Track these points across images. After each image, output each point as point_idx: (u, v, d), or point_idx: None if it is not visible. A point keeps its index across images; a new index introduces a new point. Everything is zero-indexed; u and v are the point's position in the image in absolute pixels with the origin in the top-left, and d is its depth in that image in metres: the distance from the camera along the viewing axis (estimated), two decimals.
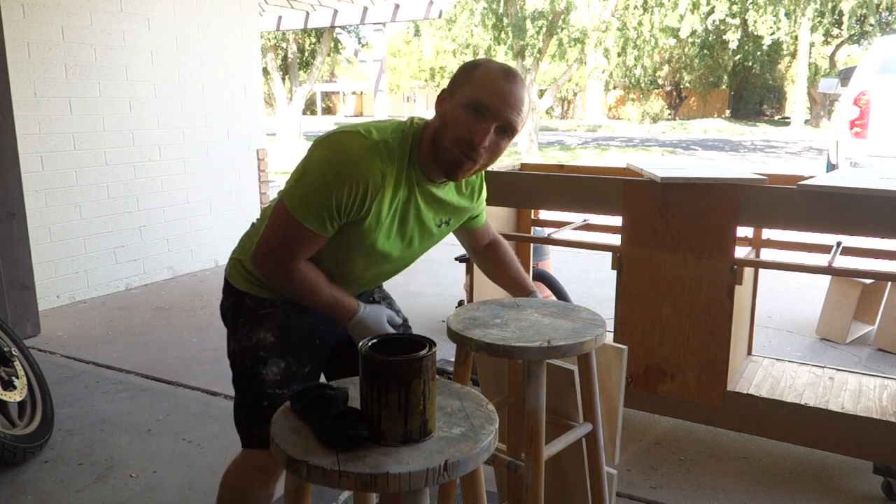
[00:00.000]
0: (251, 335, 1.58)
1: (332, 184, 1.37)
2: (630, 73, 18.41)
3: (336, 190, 1.37)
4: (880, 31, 17.94)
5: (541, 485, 1.48)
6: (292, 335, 1.59)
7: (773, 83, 29.38)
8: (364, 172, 1.38)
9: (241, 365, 1.60)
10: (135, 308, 4.40)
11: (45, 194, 4.28)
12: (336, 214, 1.40)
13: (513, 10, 14.97)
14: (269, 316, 1.58)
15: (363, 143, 1.39)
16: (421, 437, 1.07)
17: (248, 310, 1.59)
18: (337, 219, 1.41)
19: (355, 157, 1.38)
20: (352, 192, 1.38)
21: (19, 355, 2.77)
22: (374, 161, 1.39)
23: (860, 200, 2.10)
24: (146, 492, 2.36)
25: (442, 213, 1.59)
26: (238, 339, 1.61)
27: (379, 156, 1.40)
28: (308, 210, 1.40)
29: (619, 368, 1.75)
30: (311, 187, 1.40)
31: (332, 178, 1.38)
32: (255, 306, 1.59)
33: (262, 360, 1.57)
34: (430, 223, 1.57)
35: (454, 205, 1.61)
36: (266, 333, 1.57)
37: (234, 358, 1.62)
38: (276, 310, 1.58)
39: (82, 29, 4.37)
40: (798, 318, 4.11)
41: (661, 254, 2.44)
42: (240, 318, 1.61)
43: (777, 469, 2.47)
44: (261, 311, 1.58)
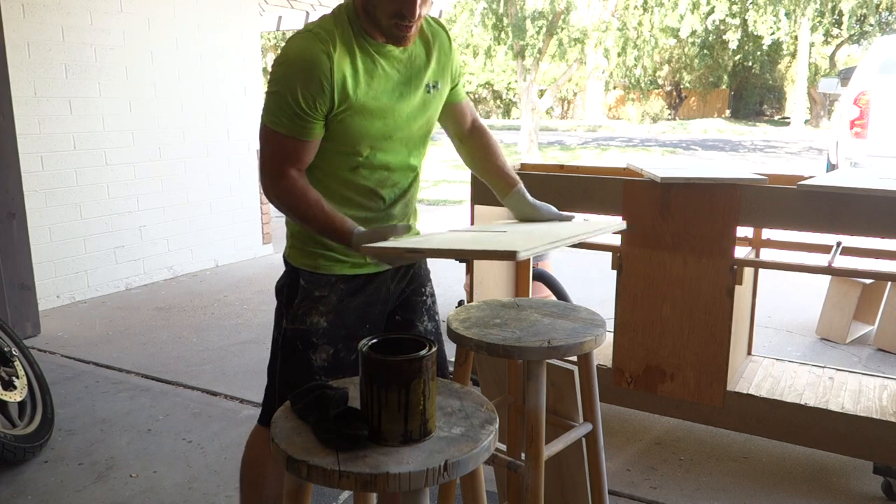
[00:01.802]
0: (305, 318, 1.60)
1: (286, 82, 1.44)
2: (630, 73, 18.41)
3: (290, 87, 1.43)
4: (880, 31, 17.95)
5: (541, 485, 1.48)
6: (345, 321, 1.61)
7: (773, 83, 29.37)
8: (309, 58, 1.43)
9: (292, 346, 1.61)
10: (135, 308, 4.40)
11: (45, 194, 4.28)
12: (305, 110, 1.44)
13: (513, 10, 14.96)
14: (324, 300, 1.60)
15: (298, 39, 1.46)
16: (421, 437, 1.07)
17: (304, 290, 1.60)
18: (309, 115, 1.45)
19: (296, 52, 1.44)
20: (307, 84, 1.42)
21: (19, 355, 2.77)
22: (312, 44, 1.44)
23: (860, 200, 2.10)
24: (146, 492, 2.36)
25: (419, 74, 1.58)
26: (291, 319, 1.62)
27: (316, 38, 1.45)
28: (277, 116, 1.46)
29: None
30: (274, 96, 1.46)
31: (286, 78, 1.44)
32: (310, 287, 1.60)
33: (314, 345, 1.59)
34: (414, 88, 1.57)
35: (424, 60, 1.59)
36: (319, 318, 1.59)
37: (285, 337, 1.63)
38: (330, 293, 1.59)
39: (82, 29, 4.37)
40: (798, 318, 4.11)
41: (661, 254, 2.44)
42: (294, 298, 1.62)
43: (777, 469, 2.47)
44: (316, 294, 1.60)
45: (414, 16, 1.42)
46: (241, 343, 3.77)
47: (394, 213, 1.65)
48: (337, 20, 1.49)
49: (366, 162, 1.55)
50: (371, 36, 1.49)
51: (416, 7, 1.41)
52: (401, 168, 1.62)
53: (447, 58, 1.65)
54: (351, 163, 1.55)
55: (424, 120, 1.63)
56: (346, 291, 1.62)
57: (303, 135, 1.47)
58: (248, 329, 4.00)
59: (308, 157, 1.51)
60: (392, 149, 1.58)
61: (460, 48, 16.78)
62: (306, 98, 1.43)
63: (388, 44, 1.51)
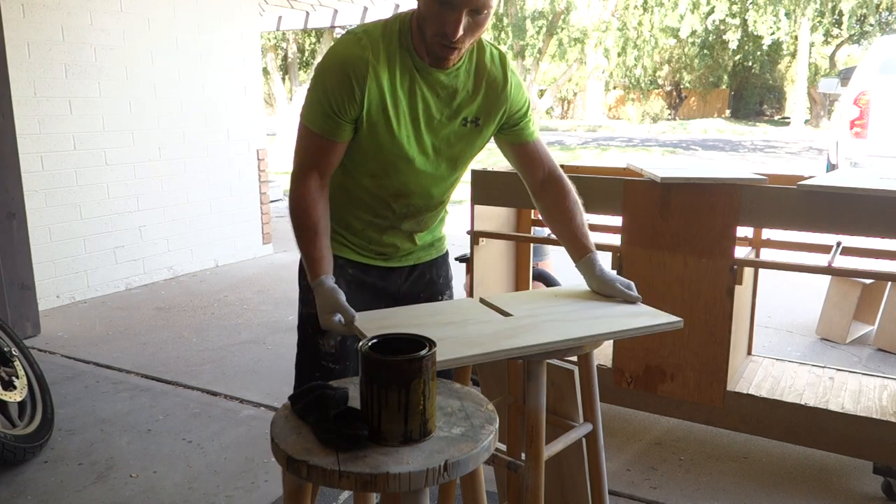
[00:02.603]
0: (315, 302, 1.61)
1: (322, 81, 1.45)
2: (630, 73, 18.44)
3: (326, 85, 1.44)
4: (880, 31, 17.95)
5: (541, 485, 1.48)
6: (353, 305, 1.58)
7: (773, 83, 29.37)
8: (345, 61, 1.43)
9: (305, 329, 1.65)
10: (135, 308, 4.40)
11: (45, 194, 4.28)
12: (335, 110, 1.44)
13: (513, 10, 14.97)
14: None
15: (343, 39, 1.47)
16: (421, 437, 1.07)
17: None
18: (338, 116, 1.45)
19: (336, 52, 1.46)
20: (339, 85, 1.43)
21: (19, 355, 2.77)
22: (353, 48, 1.44)
23: (860, 200, 2.10)
24: (146, 492, 2.36)
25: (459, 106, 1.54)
26: (304, 303, 1.63)
27: (358, 43, 1.45)
28: (312, 114, 1.48)
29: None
30: (311, 93, 1.48)
31: (322, 77, 1.46)
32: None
33: (322, 330, 1.59)
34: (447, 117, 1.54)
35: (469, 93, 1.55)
36: None
37: (300, 319, 1.66)
38: (339, 278, 1.58)
39: (82, 29, 4.37)
40: (798, 318, 4.11)
41: (661, 254, 2.44)
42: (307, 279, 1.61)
43: (777, 469, 2.47)
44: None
45: (454, 36, 1.39)
46: (241, 343, 3.77)
47: (402, 227, 1.66)
48: (386, 30, 1.48)
49: (384, 176, 1.56)
50: (418, 54, 1.48)
51: (458, 28, 1.38)
52: (419, 193, 1.60)
53: (496, 97, 1.58)
54: (371, 170, 1.56)
55: (455, 152, 1.59)
56: (354, 279, 1.64)
57: (332, 135, 1.48)
58: (248, 329, 4.00)
59: (335, 158, 1.52)
60: (412, 173, 1.56)
61: None
62: (336, 99, 1.44)
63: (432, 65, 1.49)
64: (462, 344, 1.32)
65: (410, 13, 1.49)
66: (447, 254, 1.84)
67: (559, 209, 1.68)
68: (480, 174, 2.73)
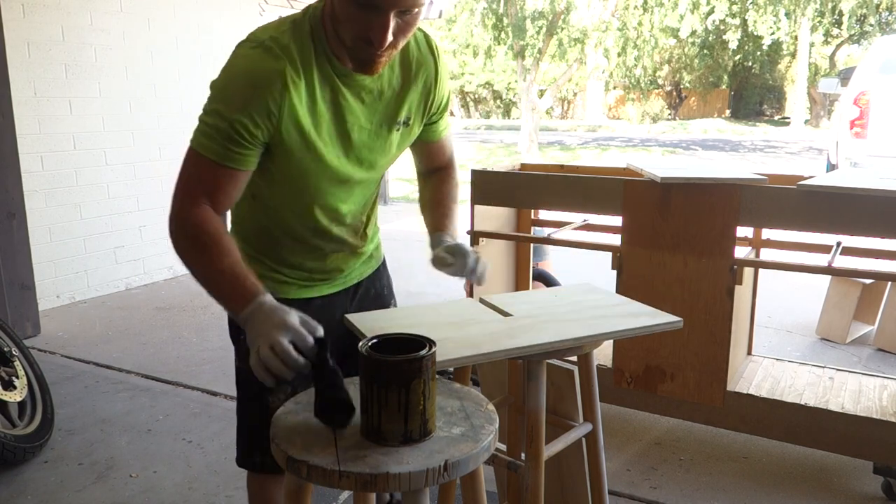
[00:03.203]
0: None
1: (226, 101, 1.21)
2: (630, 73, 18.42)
3: (232, 106, 1.20)
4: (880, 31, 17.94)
5: (541, 485, 1.48)
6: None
7: (773, 83, 29.37)
8: (256, 76, 1.20)
9: (248, 390, 1.47)
10: (135, 308, 4.40)
11: (45, 194, 4.27)
12: (242, 135, 1.21)
13: (513, 10, 14.96)
14: None
15: (247, 51, 1.23)
16: (421, 437, 1.07)
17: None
18: (246, 141, 1.21)
19: (244, 65, 1.22)
20: (251, 103, 1.19)
21: (19, 355, 2.77)
22: (264, 61, 1.20)
23: (860, 200, 2.10)
24: (146, 492, 2.36)
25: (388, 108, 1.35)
26: (241, 358, 1.44)
27: (269, 53, 1.21)
28: (210, 139, 1.21)
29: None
30: (209, 116, 1.22)
31: (225, 96, 1.21)
32: None
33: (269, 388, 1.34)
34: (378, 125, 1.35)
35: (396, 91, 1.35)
36: None
37: (239, 378, 1.49)
38: None
39: (82, 29, 4.37)
40: (798, 318, 4.11)
41: (661, 254, 2.44)
42: (241, 332, 1.41)
43: (777, 469, 2.47)
44: None
45: (383, 45, 1.17)
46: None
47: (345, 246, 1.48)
48: (296, 33, 1.24)
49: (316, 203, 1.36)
50: (337, 58, 1.26)
51: (387, 34, 1.16)
52: (354, 212, 1.44)
53: (430, 92, 1.40)
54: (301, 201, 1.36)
55: (388, 160, 1.42)
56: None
57: (235, 162, 1.23)
58: None
59: (233, 191, 1.27)
60: (346, 193, 1.38)
61: (460, 48, 16.79)
62: (245, 121, 1.20)
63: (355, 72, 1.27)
64: (462, 344, 1.32)
65: (319, 7, 1.26)
66: (385, 262, 1.67)
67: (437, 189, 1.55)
68: (480, 174, 2.73)
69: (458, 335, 1.38)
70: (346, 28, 1.19)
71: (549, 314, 1.51)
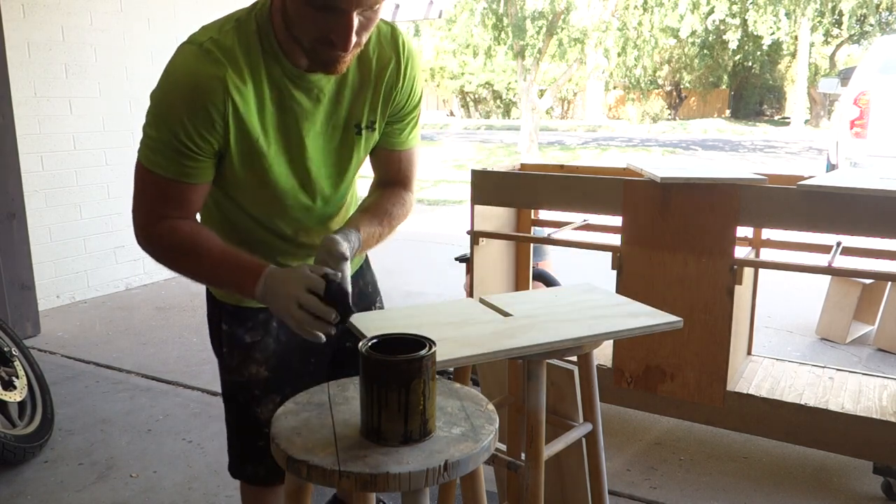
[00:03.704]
0: (242, 369, 1.38)
1: (166, 112, 1.14)
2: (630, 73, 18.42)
3: (173, 117, 1.13)
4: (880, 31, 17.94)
5: (541, 485, 1.48)
6: (287, 362, 1.40)
7: (773, 83, 29.37)
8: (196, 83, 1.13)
9: (233, 399, 1.43)
10: (135, 308, 4.40)
11: (45, 194, 4.27)
12: (189, 148, 1.14)
13: (513, 10, 14.96)
14: (259, 346, 1.37)
15: (185, 56, 1.15)
16: (421, 437, 1.07)
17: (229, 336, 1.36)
18: (195, 153, 1.15)
19: (180, 74, 1.14)
20: (192, 115, 1.13)
21: (19, 355, 2.77)
22: (204, 65, 1.13)
23: (860, 200, 2.10)
24: (146, 492, 2.36)
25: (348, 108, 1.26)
26: (227, 369, 1.40)
27: (208, 57, 1.13)
28: (158, 154, 1.16)
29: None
30: (152, 129, 1.16)
31: (165, 107, 1.15)
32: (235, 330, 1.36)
33: (257, 398, 1.38)
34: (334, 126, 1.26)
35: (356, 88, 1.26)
36: (259, 368, 1.37)
37: (226, 391, 1.44)
38: (265, 336, 1.36)
39: (82, 29, 4.37)
40: (798, 318, 4.11)
41: (661, 254, 2.44)
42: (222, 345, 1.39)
43: (777, 469, 2.47)
44: (247, 339, 1.37)
45: (347, 46, 1.09)
46: None
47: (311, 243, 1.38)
48: (241, 32, 1.16)
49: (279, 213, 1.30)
50: (289, 57, 1.17)
51: (351, 35, 1.08)
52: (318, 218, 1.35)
53: (394, 89, 1.29)
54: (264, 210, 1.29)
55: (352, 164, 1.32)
56: (283, 330, 1.37)
57: (188, 177, 1.17)
58: None
59: (196, 202, 1.22)
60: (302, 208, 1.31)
61: (460, 48, 16.77)
62: (189, 133, 1.13)
63: (311, 71, 1.18)
64: (462, 344, 1.32)
65: (267, 3, 1.17)
66: (368, 260, 1.59)
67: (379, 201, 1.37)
68: (480, 174, 2.73)
69: (458, 335, 1.37)
70: (303, 30, 1.10)
71: (549, 314, 1.51)
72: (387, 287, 1.83)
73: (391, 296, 4.10)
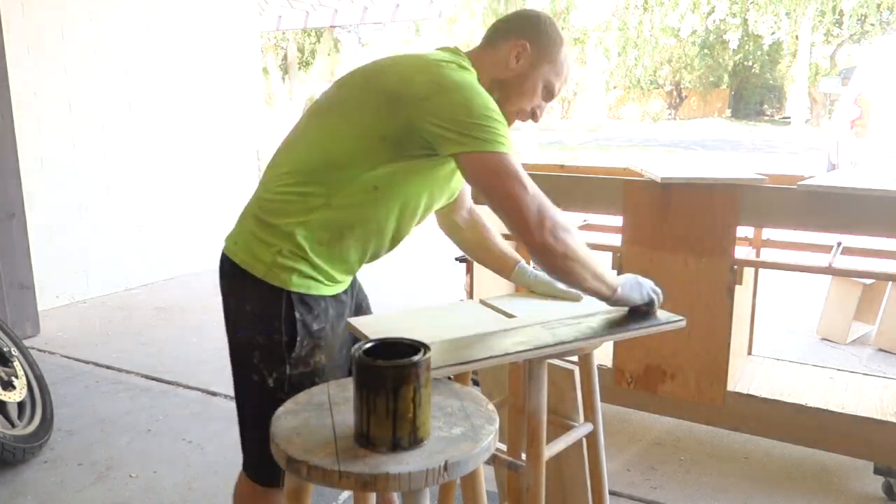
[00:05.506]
0: (310, 359, 1.36)
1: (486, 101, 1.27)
2: (630, 72, 18.44)
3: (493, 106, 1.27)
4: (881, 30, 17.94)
5: (541, 485, 1.48)
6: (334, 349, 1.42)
7: (773, 83, 29.35)
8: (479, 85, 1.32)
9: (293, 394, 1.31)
10: (135, 308, 4.40)
11: (45, 194, 4.27)
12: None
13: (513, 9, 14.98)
14: (322, 333, 1.38)
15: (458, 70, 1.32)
16: (411, 444, 1.05)
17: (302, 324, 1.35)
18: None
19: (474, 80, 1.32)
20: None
21: (19, 355, 2.77)
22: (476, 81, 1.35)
23: (860, 200, 2.10)
24: (146, 492, 2.36)
25: None
26: (295, 362, 1.35)
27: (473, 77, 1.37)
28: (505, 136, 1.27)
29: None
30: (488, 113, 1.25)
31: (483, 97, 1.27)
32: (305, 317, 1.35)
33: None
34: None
35: None
36: (321, 355, 1.38)
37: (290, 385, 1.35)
38: (325, 323, 1.38)
39: (82, 29, 4.37)
40: (798, 318, 4.10)
41: (661, 254, 2.44)
42: (295, 334, 1.34)
43: (777, 469, 2.47)
44: (315, 327, 1.37)
45: (537, 121, 1.44)
46: None
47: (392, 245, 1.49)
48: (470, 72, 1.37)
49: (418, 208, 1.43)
50: None
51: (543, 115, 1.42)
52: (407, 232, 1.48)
53: None
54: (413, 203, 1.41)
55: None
56: (334, 316, 1.41)
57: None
58: None
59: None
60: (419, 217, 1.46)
61: None
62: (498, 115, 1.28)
63: None
64: (462, 346, 1.32)
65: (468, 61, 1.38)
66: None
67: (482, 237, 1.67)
68: None
69: (458, 337, 1.37)
70: (520, 98, 1.40)
71: (550, 315, 1.50)
72: (387, 288, 1.82)
73: (391, 296, 4.09)
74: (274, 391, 1.36)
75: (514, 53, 1.39)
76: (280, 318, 1.34)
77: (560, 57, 1.42)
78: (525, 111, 1.42)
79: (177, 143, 5.07)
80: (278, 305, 1.34)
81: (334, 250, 1.37)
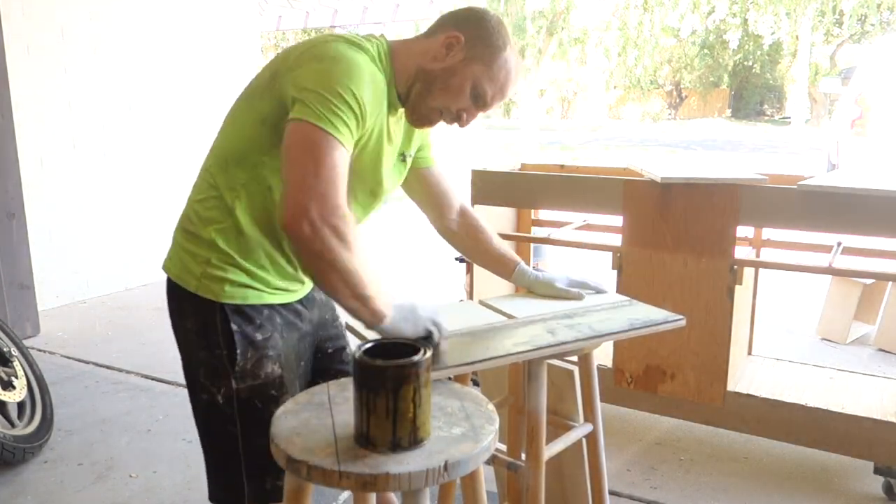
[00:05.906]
0: (257, 370, 1.29)
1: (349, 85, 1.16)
2: (630, 72, 18.43)
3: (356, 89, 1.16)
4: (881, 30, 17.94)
5: (541, 485, 1.48)
6: (290, 359, 1.36)
7: (773, 83, 29.34)
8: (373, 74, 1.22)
9: (250, 407, 1.29)
10: (135, 308, 4.40)
11: (45, 194, 4.27)
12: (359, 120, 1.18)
13: (513, 9, 14.96)
14: (270, 342, 1.30)
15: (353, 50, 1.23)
16: (411, 444, 1.05)
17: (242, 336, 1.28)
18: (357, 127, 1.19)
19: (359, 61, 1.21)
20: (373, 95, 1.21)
21: (19, 355, 2.77)
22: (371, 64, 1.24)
23: (860, 200, 2.10)
24: (146, 492, 2.36)
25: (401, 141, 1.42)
26: (240, 375, 1.28)
27: (373, 61, 1.25)
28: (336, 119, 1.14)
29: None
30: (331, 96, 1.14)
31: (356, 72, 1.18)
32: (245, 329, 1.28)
33: (274, 398, 1.29)
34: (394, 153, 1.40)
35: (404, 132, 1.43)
36: (273, 366, 1.30)
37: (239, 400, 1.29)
38: (272, 332, 1.31)
39: (82, 29, 4.37)
40: (798, 318, 4.10)
41: (661, 254, 2.44)
42: (235, 348, 1.27)
43: (777, 469, 2.47)
44: (259, 338, 1.29)
45: (462, 126, 1.33)
46: None
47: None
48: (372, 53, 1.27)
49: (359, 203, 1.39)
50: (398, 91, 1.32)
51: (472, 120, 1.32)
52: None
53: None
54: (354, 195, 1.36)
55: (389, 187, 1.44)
56: (283, 325, 1.34)
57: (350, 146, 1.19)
58: None
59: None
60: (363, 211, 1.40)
61: None
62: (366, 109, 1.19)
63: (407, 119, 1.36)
64: (462, 347, 1.32)
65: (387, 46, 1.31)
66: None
67: (479, 239, 1.63)
68: (480, 174, 2.73)
69: (459, 338, 1.37)
70: (443, 95, 1.29)
71: (549, 315, 1.50)
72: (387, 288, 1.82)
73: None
74: (223, 408, 1.31)
75: (446, 44, 1.28)
76: (217, 332, 1.28)
77: (497, 62, 1.29)
78: (449, 111, 1.31)
79: (177, 143, 5.06)
80: (213, 319, 1.28)
81: (261, 252, 1.29)
